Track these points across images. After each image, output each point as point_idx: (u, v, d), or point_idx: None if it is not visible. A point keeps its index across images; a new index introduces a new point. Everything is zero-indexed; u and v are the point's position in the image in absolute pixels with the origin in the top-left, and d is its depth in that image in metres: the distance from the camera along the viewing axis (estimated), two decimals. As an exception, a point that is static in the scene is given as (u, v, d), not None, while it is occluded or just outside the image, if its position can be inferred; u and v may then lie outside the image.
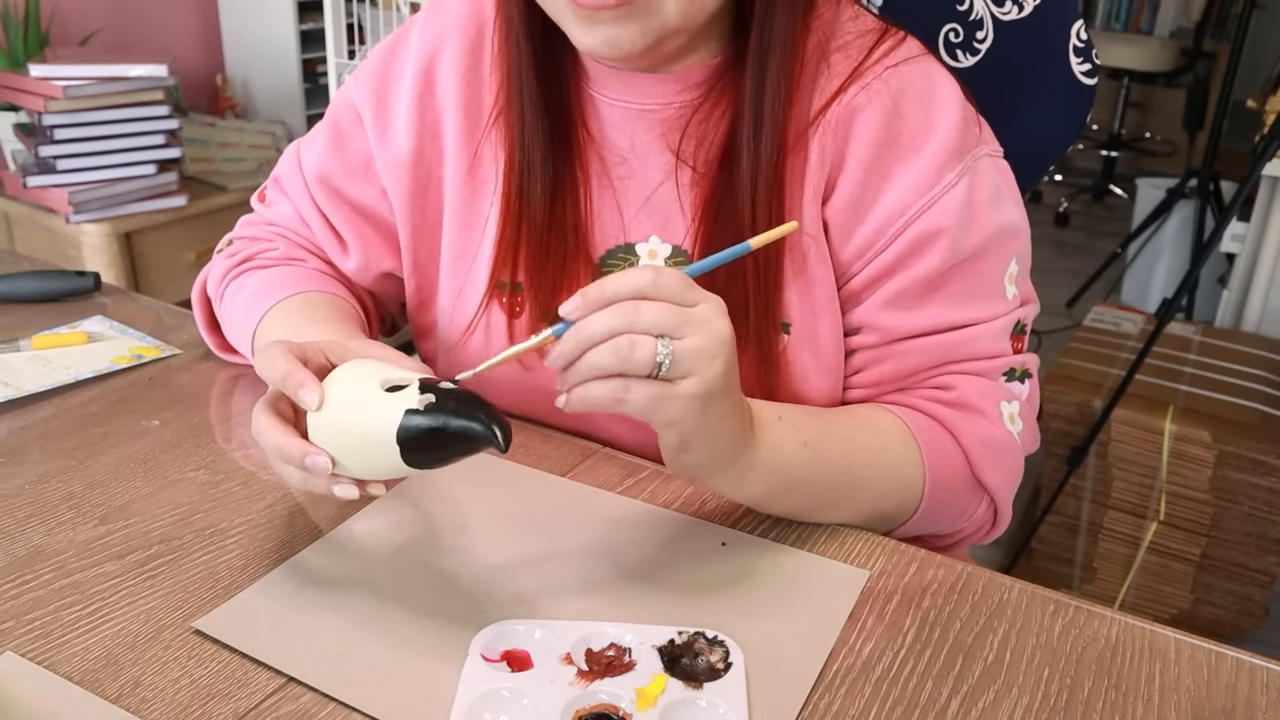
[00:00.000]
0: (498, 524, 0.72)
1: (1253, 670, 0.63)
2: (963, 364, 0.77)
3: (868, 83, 0.75)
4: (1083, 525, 1.96)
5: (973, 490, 0.78)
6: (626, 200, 0.80)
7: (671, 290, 0.58)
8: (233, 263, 0.89)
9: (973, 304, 0.76)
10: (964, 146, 0.75)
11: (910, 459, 0.74)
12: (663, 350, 0.57)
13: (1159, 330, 1.88)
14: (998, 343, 0.77)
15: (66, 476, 0.77)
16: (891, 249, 0.75)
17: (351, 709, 0.56)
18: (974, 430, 0.76)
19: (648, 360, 0.57)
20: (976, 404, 0.76)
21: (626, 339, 0.57)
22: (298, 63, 2.74)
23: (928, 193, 0.74)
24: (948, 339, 0.76)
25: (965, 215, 0.74)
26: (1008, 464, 0.78)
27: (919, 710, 0.58)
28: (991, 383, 0.77)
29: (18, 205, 2.26)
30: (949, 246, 0.74)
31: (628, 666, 0.59)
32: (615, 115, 0.79)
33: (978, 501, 0.79)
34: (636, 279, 0.58)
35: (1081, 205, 4.48)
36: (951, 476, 0.76)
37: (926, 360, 0.77)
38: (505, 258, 0.81)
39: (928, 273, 0.75)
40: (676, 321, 0.57)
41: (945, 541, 0.82)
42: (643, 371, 0.57)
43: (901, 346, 0.77)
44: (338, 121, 0.88)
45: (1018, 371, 0.78)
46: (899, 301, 0.76)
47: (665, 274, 0.58)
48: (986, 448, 0.76)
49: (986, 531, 0.82)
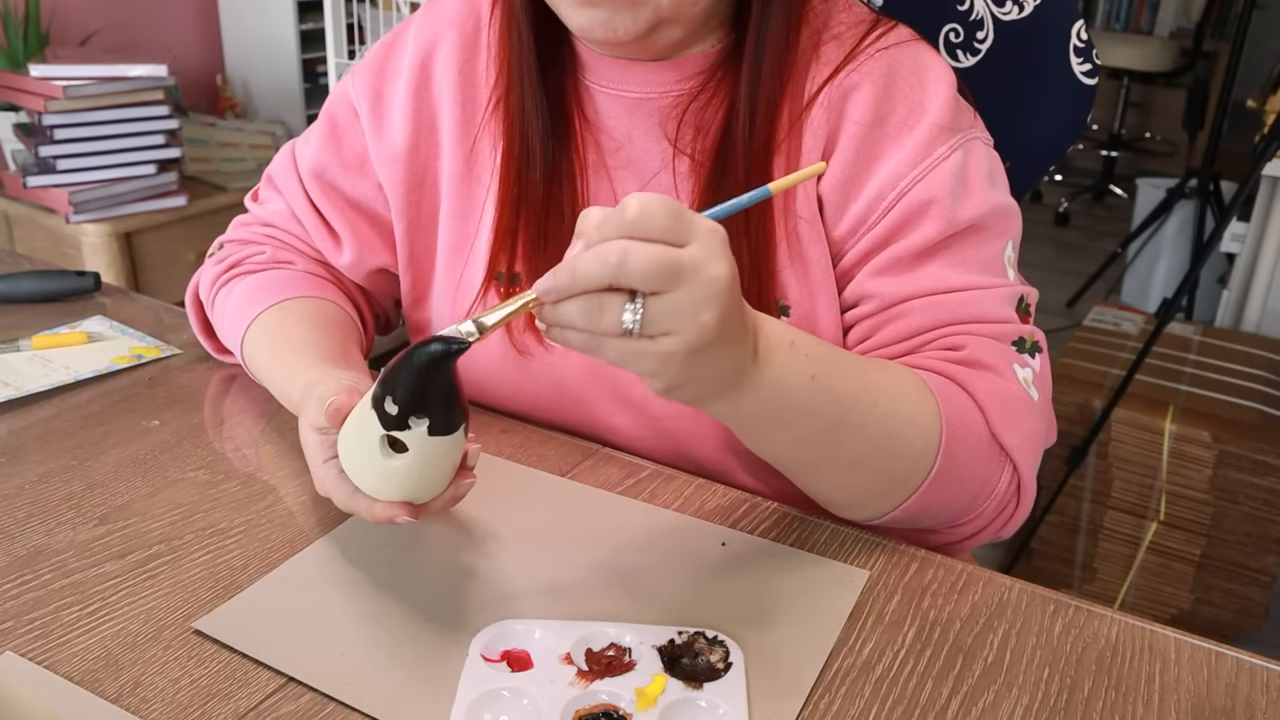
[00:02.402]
0: (498, 524, 0.72)
1: (1253, 670, 0.63)
2: (968, 325, 0.73)
3: (860, 64, 0.75)
4: (1083, 525, 1.96)
5: (993, 454, 0.71)
6: (623, 188, 0.80)
7: (660, 226, 0.52)
8: (220, 269, 0.89)
9: (970, 271, 0.74)
10: (957, 124, 0.75)
11: (925, 407, 0.68)
12: (630, 318, 0.53)
13: (1159, 330, 1.88)
14: (1002, 309, 0.74)
15: (66, 476, 0.77)
16: (884, 222, 0.74)
17: (351, 709, 0.56)
18: (989, 387, 0.71)
19: (614, 326, 0.53)
20: (990, 361, 0.72)
21: (595, 301, 0.53)
22: (298, 63, 2.74)
23: (919, 164, 0.74)
24: (947, 299, 0.73)
25: (959, 186, 0.74)
26: (1027, 424, 0.72)
27: (919, 710, 0.58)
28: (1002, 345, 0.73)
29: (18, 205, 2.26)
30: (942, 216, 0.73)
31: (628, 666, 0.59)
32: (611, 104, 0.80)
33: (999, 470, 0.72)
34: (624, 220, 0.52)
35: (1081, 205, 4.48)
36: (970, 432, 0.70)
37: (928, 320, 0.74)
38: (503, 247, 0.81)
39: (921, 242, 0.73)
40: (665, 273, 0.52)
41: (966, 531, 0.75)
42: (613, 334, 0.54)
43: (901, 308, 0.74)
44: (334, 117, 0.89)
45: (1027, 343, 0.74)
46: (892, 269, 0.75)
47: (652, 208, 0.52)
48: (1004, 404, 0.71)
49: (1011, 513, 0.74)
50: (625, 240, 0.52)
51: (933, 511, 0.72)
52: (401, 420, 0.58)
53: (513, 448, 0.83)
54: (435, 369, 0.57)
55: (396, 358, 0.59)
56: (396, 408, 0.58)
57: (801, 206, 0.76)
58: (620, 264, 0.52)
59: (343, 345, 0.80)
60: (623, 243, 0.52)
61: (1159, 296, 3.10)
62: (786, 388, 0.63)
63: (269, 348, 0.82)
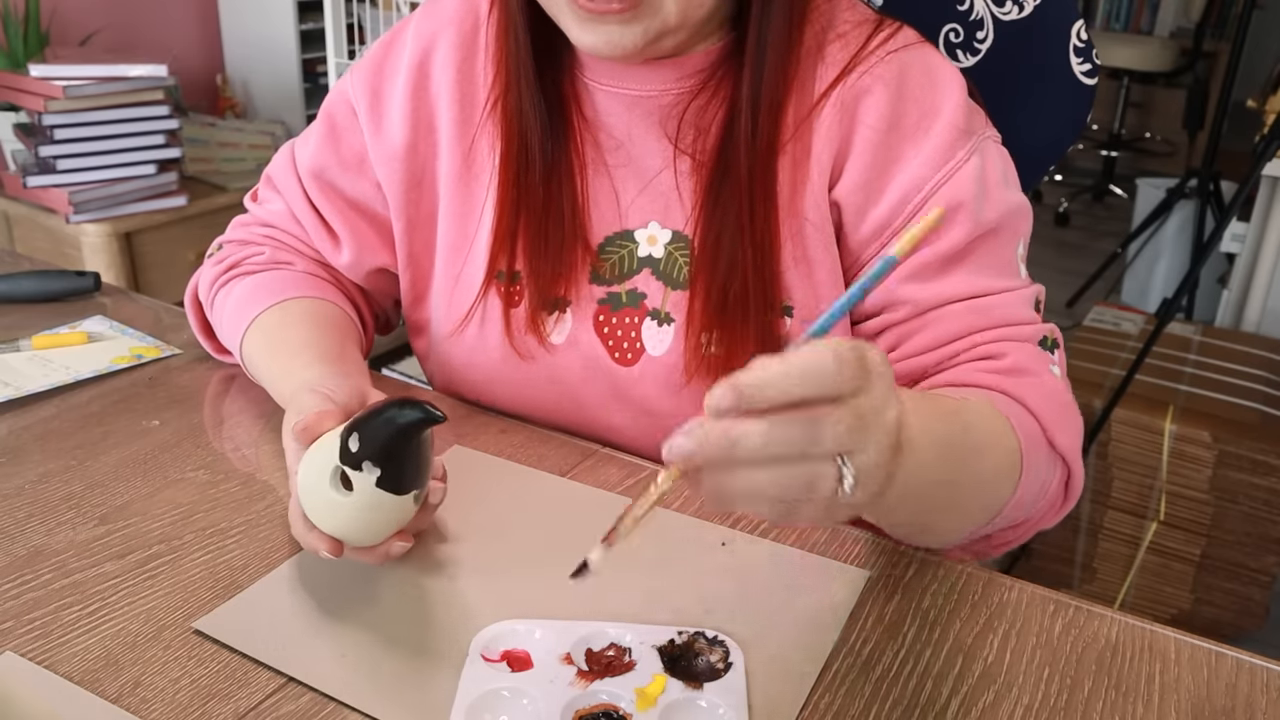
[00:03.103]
0: (498, 524, 0.72)
1: (1253, 670, 0.63)
2: (999, 329, 0.74)
3: (870, 67, 0.75)
4: (1083, 525, 1.96)
5: (1050, 458, 0.71)
6: (623, 187, 0.80)
7: (852, 384, 0.45)
8: (220, 269, 0.89)
9: (994, 275, 0.75)
10: (971, 126, 0.75)
11: (1009, 442, 0.67)
12: (848, 479, 0.46)
13: (1159, 330, 1.88)
14: (1026, 310, 0.75)
15: (66, 476, 0.77)
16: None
17: (351, 709, 0.56)
18: (1038, 393, 0.71)
19: (831, 492, 0.46)
20: (1032, 367, 0.72)
21: (802, 474, 0.46)
22: (298, 63, 2.74)
23: (942, 168, 0.74)
24: (978, 304, 0.74)
25: (980, 189, 0.74)
26: (1074, 423, 0.72)
27: (919, 710, 0.58)
28: (1036, 348, 0.74)
29: (18, 205, 2.26)
30: (970, 218, 0.73)
31: (628, 666, 0.59)
32: (611, 102, 0.80)
33: (1053, 472, 0.72)
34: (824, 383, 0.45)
35: (1082, 205, 4.48)
36: (1036, 448, 0.69)
37: (963, 325, 0.74)
38: (503, 245, 0.81)
39: (950, 246, 0.74)
40: (859, 434, 0.46)
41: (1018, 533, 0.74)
42: (825, 499, 0.47)
43: (935, 314, 0.75)
44: (332, 116, 0.89)
45: (1049, 340, 0.76)
46: (920, 275, 0.75)
47: (847, 365, 0.45)
48: (1054, 408, 0.71)
49: (1059, 508, 0.74)
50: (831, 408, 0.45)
51: (998, 526, 0.71)
52: (356, 461, 0.60)
53: (513, 448, 0.83)
54: (406, 431, 0.59)
55: (387, 400, 0.61)
56: (357, 446, 0.60)
57: (809, 209, 0.76)
58: (814, 439, 0.45)
59: (342, 345, 0.80)
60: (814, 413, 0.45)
61: (1159, 296, 3.10)
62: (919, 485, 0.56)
63: (268, 348, 0.82)
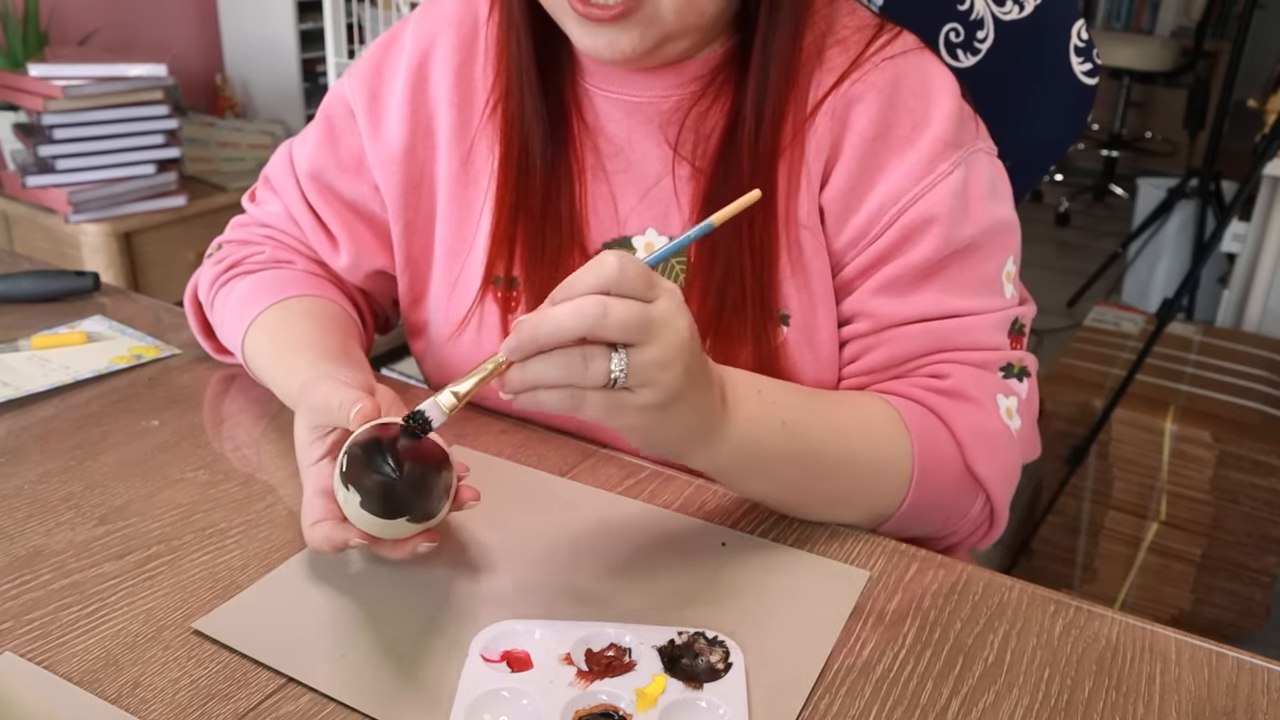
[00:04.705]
0: (498, 524, 0.72)
1: (1253, 670, 0.63)
2: (958, 353, 0.75)
3: (865, 73, 0.75)
4: (1083, 525, 1.96)
5: (966, 484, 0.75)
6: (622, 193, 0.80)
7: (636, 285, 0.55)
8: (220, 269, 0.89)
9: (967, 295, 0.75)
10: (960, 139, 0.75)
11: (898, 444, 0.72)
12: (617, 366, 0.55)
13: (1160, 330, 1.88)
14: (994, 335, 0.76)
15: (66, 476, 0.77)
16: (884, 237, 0.75)
17: (351, 709, 0.56)
18: (968, 420, 0.73)
19: (601, 377, 0.55)
20: (972, 393, 0.74)
21: (578, 354, 0.55)
22: (297, 63, 2.74)
23: (921, 181, 0.74)
24: (941, 325, 0.75)
25: (959, 205, 0.74)
26: (1003, 459, 0.75)
27: (919, 710, 0.58)
28: (988, 374, 0.75)
29: (17, 205, 2.26)
30: (942, 235, 0.73)
31: (628, 667, 0.59)
32: (611, 108, 0.80)
33: (972, 498, 0.75)
34: (601, 275, 0.54)
35: (1082, 205, 4.48)
36: (943, 466, 0.73)
37: (919, 346, 0.75)
38: (500, 251, 0.81)
39: (920, 261, 0.74)
40: (640, 326, 0.54)
41: (942, 544, 0.79)
42: (597, 385, 0.55)
43: (894, 333, 0.76)
44: (330, 118, 0.88)
45: (1015, 368, 0.76)
46: (891, 288, 0.75)
47: (629, 267, 0.55)
48: (981, 438, 0.73)
49: (983, 534, 0.79)
50: (603, 295, 0.54)
51: (911, 531, 0.76)
52: (344, 482, 0.61)
53: (513, 448, 0.83)
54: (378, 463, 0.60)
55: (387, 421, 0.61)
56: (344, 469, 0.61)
57: (805, 214, 0.76)
58: (601, 315, 0.54)
59: (343, 343, 0.80)
60: (601, 296, 0.54)
61: (1159, 296, 3.09)
62: (758, 435, 0.66)
63: (270, 347, 0.81)
